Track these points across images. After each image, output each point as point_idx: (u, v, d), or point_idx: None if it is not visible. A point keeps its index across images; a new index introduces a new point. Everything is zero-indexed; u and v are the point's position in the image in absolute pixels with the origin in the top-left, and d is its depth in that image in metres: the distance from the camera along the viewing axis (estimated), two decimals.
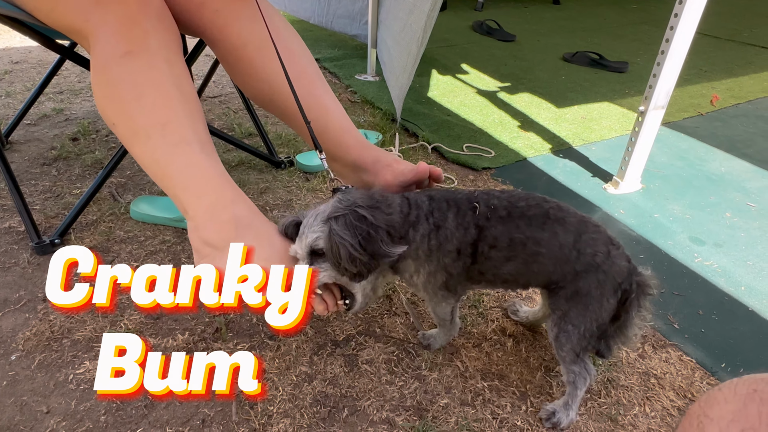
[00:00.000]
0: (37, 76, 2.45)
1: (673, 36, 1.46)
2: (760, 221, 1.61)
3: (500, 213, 0.91)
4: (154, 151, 0.85)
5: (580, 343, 0.93)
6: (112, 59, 0.85)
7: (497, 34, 3.53)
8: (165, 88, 0.86)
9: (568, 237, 0.91)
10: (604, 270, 0.90)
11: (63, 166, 1.71)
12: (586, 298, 0.91)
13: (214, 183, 0.86)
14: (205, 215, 0.86)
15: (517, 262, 0.92)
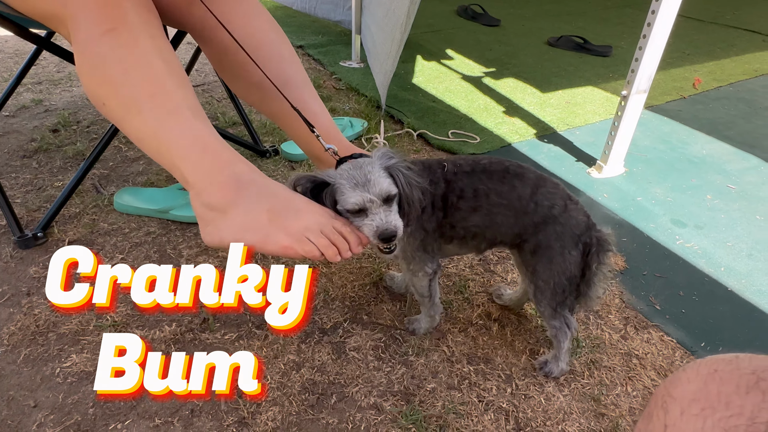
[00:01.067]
0: (15, 66, 2.40)
1: (654, 20, 1.46)
2: (740, 203, 1.64)
3: (465, 169, 0.98)
4: (147, 123, 0.83)
5: (555, 298, 0.99)
6: (94, 39, 0.83)
7: (482, 18, 3.52)
8: (150, 60, 0.84)
9: (525, 190, 0.96)
10: (561, 222, 0.95)
11: (44, 158, 1.69)
12: (548, 251, 0.96)
13: (209, 147, 0.84)
14: (204, 179, 0.83)
15: (482, 212, 0.97)
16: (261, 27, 1.09)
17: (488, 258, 1.36)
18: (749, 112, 2.31)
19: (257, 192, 0.83)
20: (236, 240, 0.82)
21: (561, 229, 0.95)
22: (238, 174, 0.83)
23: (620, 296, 1.26)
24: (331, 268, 1.29)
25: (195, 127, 0.84)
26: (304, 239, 0.81)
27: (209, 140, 0.84)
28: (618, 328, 1.17)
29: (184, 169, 0.83)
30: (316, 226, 0.82)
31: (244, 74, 1.12)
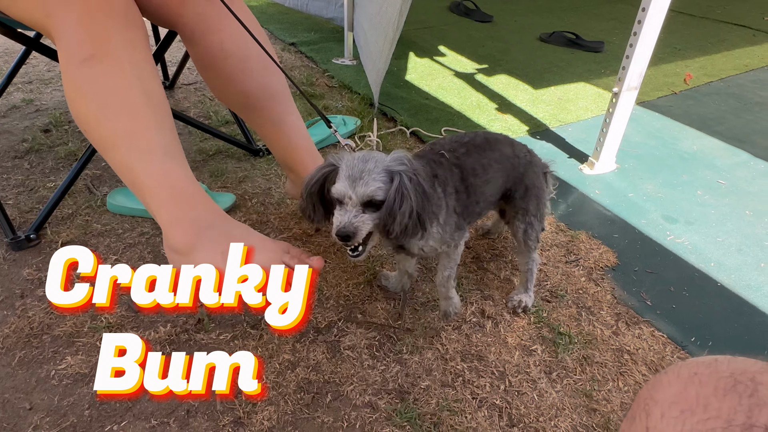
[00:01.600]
0: (4, 66, 2.38)
1: (645, 17, 1.47)
2: (730, 198, 1.66)
3: (462, 151, 1.06)
4: (122, 160, 0.86)
5: (538, 229, 1.15)
6: (75, 64, 0.84)
7: (474, 14, 3.52)
8: (129, 94, 0.85)
9: (507, 149, 1.11)
10: (534, 163, 1.15)
11: (35, 158, 1.68)
12: (534, 190, 1.13)
13: (176, 190, 0.87)
14: (170, 223, 0.87)
15: (492, 182, 1.09)
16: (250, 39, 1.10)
17: (481, 255, 1.37)
18: (739, 108, 2.33)
19: (216, 236, 0.87)
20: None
21: (537, 169, 1.15)
22: (200, 219, 0.87)
23: (612, 292, 1.27)
24: (325, 267, 1.30)
25: (166, 170, 0.86)
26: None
27: (177, 183, 0.87)
28: (610, 324, 1.18)
29: (153, 210, 0.88)
30: (267, 261, 0.86)
31: (230, 84, 1.15)
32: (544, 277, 1.31)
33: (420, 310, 1.19)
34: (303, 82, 2.38)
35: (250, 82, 1.14)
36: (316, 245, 1.37)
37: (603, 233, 1.47)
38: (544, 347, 1.12)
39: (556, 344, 1.12)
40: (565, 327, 1.17)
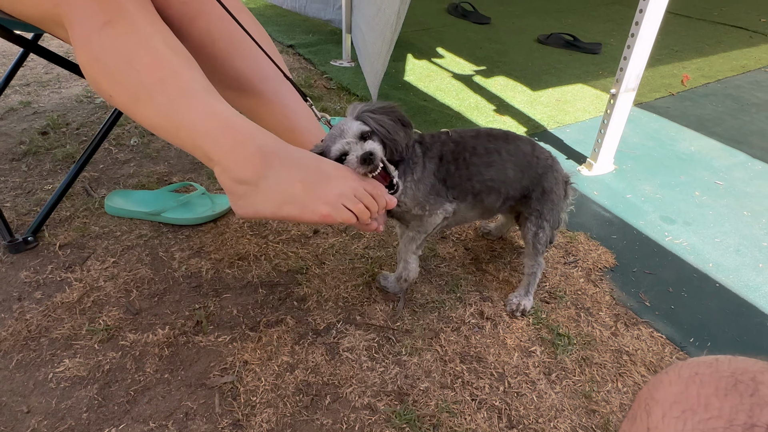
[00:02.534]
0: (2, 68, 2.37)
1: (642, 19, 1.48)
2: (728, 199, 1.66)
3: (470, 134, 1.11)
4: (160, 109, 0.83)
5: (550, 234, 1.18)
6: (93, 32, 0.82)
7: (472, 16, 3.53)
8: (153, 45, 0.83)
9: (527, 147, 1.13)
10: (555, 169, 1.15)
11: (33, 161, 1.67)
12: (551, 195, 1.14)
13: (229, 123, 0.84)
14: (229, 156, 0.83)
15: (496, 167, 1.10)
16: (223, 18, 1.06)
17: (480, 257, 1.37)
18: (737, 109, 2.34)
19: (285, 162, 0.83)
20: (274, 212, 0.84)
21: (557, 175, 1.15)
22: (263, 146, 0.83)
23: (610, 293, 1.27)
24: (323, 268, 1.30)
25: (210, 105, 0.83)
26: (341, 206, 0.84)
27: (227, 116, 0.84)
28: (608, 325, 1.18)
29: (207, 148, 0.83)
30: (350, 191, 0.85)
31: (220, 68, 1.10)
32: (542, 278, 1.31)
33: (419, 311, 1.19)
34: (301, 83, 2.38)
35: (241, 63, 1.09)
36: (314, 247, 1.37)
37: (601, 234, 1.47)
38: (543, 348, 1.12)
39: (555, 345, 1.12)
40: (564, 328, 1.17)
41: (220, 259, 1.31)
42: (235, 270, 1.28)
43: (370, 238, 1.41)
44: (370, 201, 0.87)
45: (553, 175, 1.14)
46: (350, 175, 0.88)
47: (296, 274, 1.28)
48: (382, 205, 0.90)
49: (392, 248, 1.38)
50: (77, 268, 1.25)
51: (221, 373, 1.03)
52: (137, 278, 1.24)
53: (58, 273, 1.24)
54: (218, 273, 1.27)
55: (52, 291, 1.19)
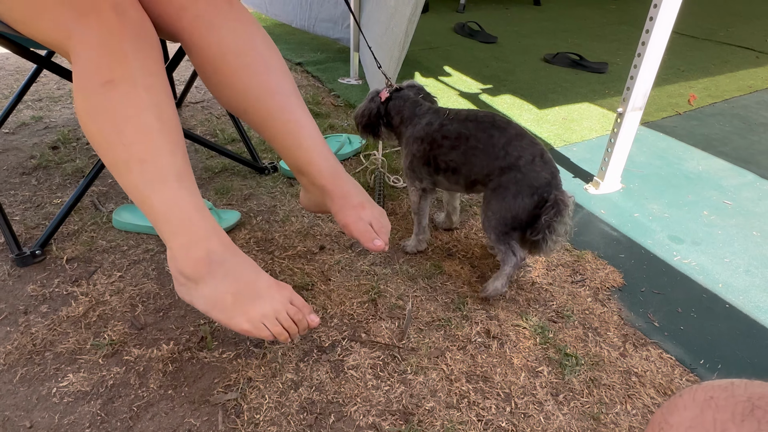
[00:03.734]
0: (15, 84, 2.41)
1: (648, 39, 1.48)
2: (737, 219, 1.65)
3: (461, 117, 1.24)
4: (133, 183, 0.87)
5: (498, 227, 1.19)
6: (93, 88, 0.86)
7: (479, 35, 3.56)
8: (145, 120, 0.87)
9: (501, 140, 1.18)
10: (522, 172, 1.15)
11: (43, 175, 1.69)
12: (504, 191, 1.17)
13: (189, 220, 0.89)
14: (180, 250, 0.90)
15: (458, 151, 1.22)
16: (250, 37, 1.09)
17: (486, 275, 1.36)
18: (744, 128, 2.33)
19: (226, 273, 0.91)
20: (205, 310, 0.92)
21: (521, 177, 1.15)
22: (211, 252, 0.90)
23: (618, 313, 1.26)
24: (329, 285, 1.29)
25: (179, 197, 0.89)
26: (261, 326, 0.91)
27: (189, 212, 0.89)
28: (617, 346, 1.17)
29: (164, 234, 0.90)
30: (272, 312, 0.92)
31: (230, 82, 1.10)
32: (549, 297, 1.30)
33: (425, 329, 1.18)
34: (309, 101, 2.40)
35: (250, 79, 1.10)
36: (320, 263, 1.37)
37: (609, 253, 1.46)
38: (550, 368, 1.10)
39: (562, 366, 1.11)
40: (571, 348, 1.15)
41: None
42: None
43: (376, 255, 1.41)
44: (289, 324, 0.93)
45: (515, 175, 1.15)
46: (279, 297, 0.94)
47: (302, 290, 1.28)
48: (303, 327, 0.95)
49: (398, 265, 1.37)
50: (83, 282, 1.26)
51: (225, 389, 1.02)
52: (143, 293, 1.24)
53: (64, 287, 1.24)
54: None
55: (58, 305, 1.19)
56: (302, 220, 1.54)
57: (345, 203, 1.12)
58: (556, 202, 1.12)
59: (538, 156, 1.16)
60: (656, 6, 1.44)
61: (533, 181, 1.14)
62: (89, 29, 0.86)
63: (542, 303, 1.28)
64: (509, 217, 1.17)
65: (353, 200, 1.13)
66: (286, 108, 1.11)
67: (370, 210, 1.13)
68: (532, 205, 1.15)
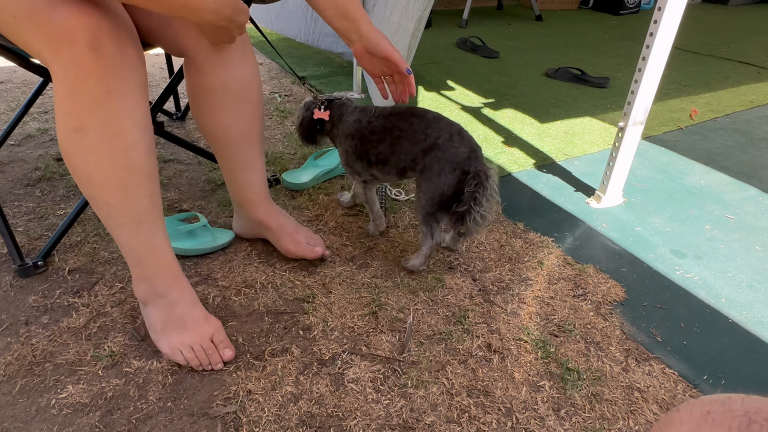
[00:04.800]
0: (22, 96, 2.44)
1: (649, 54, 1.49)
2: (739, 233, 1.65)
3: (385, 113, 1.33)
4: (102, 219, 1.01)
5: (425, 208, 1.28)
6: (66, 132, 0.91)
7: (481, 50, 3.59)
8: (110, 171, 0.94)
9: (420, 125, 1.26)
10: (442, 149, 1.23)
11: (47, 186, 1.70)
12: (429, 171, 1.24)
13: (143, 258, 1.06)
14: (135, 279, 1.10)
15: (386, 143, 1.30)
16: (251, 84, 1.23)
17: (488, 288, 1.36)
18: (746, 143, 2.33)
19: (163, 304, 1.09)
20: (147, 327, 1.13)
21: (441, 155, 1.23)
22: (155, 286, 1.08)
23: (621, 327, 1.25)
24: (330, 297, 1.29)
25: (136, 240, 1.03)
26: (178, 352, 1.07)
27: (144, 253, 1.06)
28: (619, 360, 1.16)
29: (128, 262, 1.08)
30: (189, 342, 1.07)
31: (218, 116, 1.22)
32: (551, 311, 1.29)
33: (425, 343, 1.18)
34: None
35: (236, 120, 1.24)
36: (321, 275, 1.37)
37: (611, 267, 1.46)
38: (552, 383, 1.09)
39: (564, 380, 1.10)
40: (573, 363, 1.14)
41: (227, 287, 1.31)
42: (241, 297, 1.28)
43: (378, 268, 1.41)
44: (202, 356, 1.08)
45: (436, 154, 1.23)
46: (199, 331, 1.09)
47: (302, 302, 1.28)
48: (214, 361, 1.09)
49: (399, 278, 1.37)
50: (85, 293, 1.26)
51: (224, 402, 1.01)
52: None
53: (65, 298, 1.24)
54: (225, 300, 1.27)
55: (59, 316, 1.19)
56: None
57: (282, 233, 1.36)
58: (477, 174, 1.21)
59: (456, 134, 1.24)
60: (656, 22, 1.46)
61: (453, 157, 1.22)
62: (62, 66, 0.85)
63: (544, 317, 1.27)
64: (436, 196, 1.25)
65: (287, 228, 1.37)
66: (252, 153, 1.30)
67: (301, 233, 1.37)
68: (455, 180, 1.23)
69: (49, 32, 0.83)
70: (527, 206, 1.75)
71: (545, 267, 1.45)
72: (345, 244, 1.51)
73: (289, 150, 2.06)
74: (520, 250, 1.51)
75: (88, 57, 0.84)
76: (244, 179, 1.32)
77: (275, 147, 2.08)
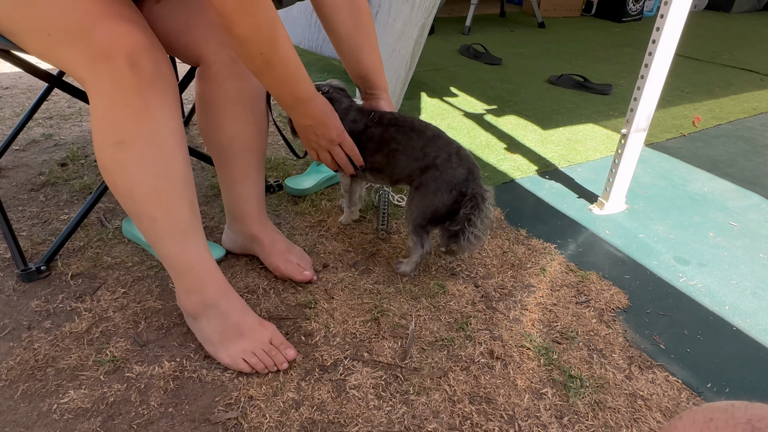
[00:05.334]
0: (27, 102, 2.45)
1: (651, 61, 1.50)
2: (743, 240, 1.64)
3: (384, 121, 1.30)
4: (145, 233, 1.02)
5: (416, 220, 1.29)
6: (107, 146, 0.92)
7: (484, 57, 3.60)
8: (154, 182, 0.96)
9: (419, 142, 1.26)
10: (440, 169, 1.24)
11: (51, 191, 1.71)
12: (425, 188, 1.26)
13: (190, 269, 1.07)
14: (182, 293, 1.10)
15: (382, 153, 1.31)
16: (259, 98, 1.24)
17: (490, 295, 1.36)
18: (749, 150, 2.33)
19: (216, 314, 1.09)
20: (200, 341, 1.12)
21: (439, 174, 1.24)
22: (206, 297, 1.08)
23: (624, 334, 1.24)
24: (332, 303, 1.29)
25: (182, 251, 1.04)
26: (240, 360, 1.07)
27: (191, 264, 1.06)
28: (622, 368, 1.15)
29: (172, 276, 1.09)
30: (251, 349, 1.08)
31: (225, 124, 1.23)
32: (554, 317, 1.29)
33: (427, 349, 1.18)
34: None
35: (243, 131, 1.24)
36: (323, 281, 1.36)
37: (614, 274, 1.46)
38: (554, 390, 1.09)
39: (567, 388, 1.09)
40: (576, 370, 1.14)
41: None
42: None
43: (380, 274, 1.41)
44: (266, 359, 1.08)
45: (433, 173, 1.24)
46: (258, 336, 1.09)
47: (304, 308, 1.27)
48: (279, 362, 1.09)
49: (402, 284, 1.37)
50: (87, 298, 1.26)
51: (226, 408, 1.01)
52: (146, 309, 1.24)
53: (68, 302, 1.24)
54: None
55: (61, 320, 1.19)
56: (306, 238, 1.55)
57: (273, 250, 1.35)
58: (474, 196, 1.23)
59: (454, 154, 1.24)
60: (659, 29, 1.46)
61: (451, 177, 1.23)
62: (101, 80, 0.88)
63: (546, 324, 1.27)
64: (429, 212, 1.27)
65: (279, 246, 1.36)
66: (254, 165, 1.30)
67: (293, 252, 1.37)
68: (451, 200, 1.24)
69: (88, 50, 0.86)
70: (530, 213, 1.75)
71: (548, 274, 1.44)
72: (347, 249, 1.50)
73: (291, 156, 2.06)
74: (522, 256, 1.51)
75: (127, 73, 0.87)
76: (243, 191, 1.31)
77: (278, 153, 2.08)
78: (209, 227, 1.57)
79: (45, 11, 0.87)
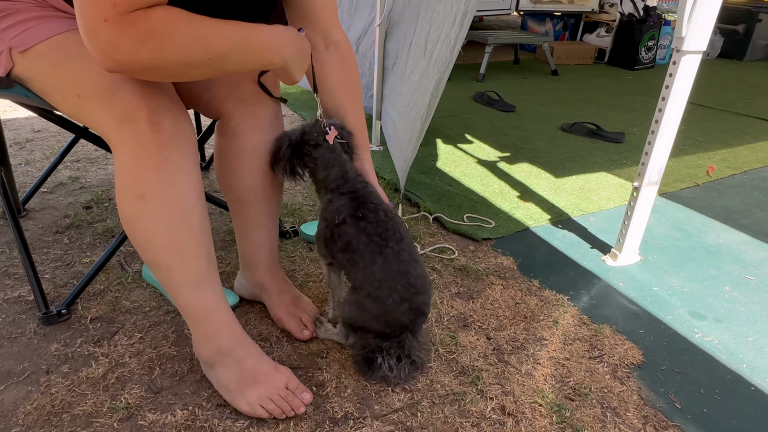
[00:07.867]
0: (57, 145, 2.56)
1: (665, 106, 1.51)
2: (760, 295, 1.62)
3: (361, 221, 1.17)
4: (163, 282, 1.05)
5: (349, 320, 1.22)
6: (128, 200, 0.97)
7: (498, 104, 3.67)
8: (173, 234, 1.00)
9: (379, 274, 1.15)
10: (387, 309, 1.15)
11: (75, 234, 1.76)
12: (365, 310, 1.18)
13: (205, 318, 1.09)
14: (198, 341, 1.12)
15: (346, 256, 1.18)
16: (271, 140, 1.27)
17: (502, 347, 1.35)
18: (765, 201, 2.32)
19: (232, 362, 1.10)
20: (217, 389, 1.14)
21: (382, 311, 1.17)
22: (222, 345, 1.10)
23: (638, 392, 1.23)
24: (344, 353, 1.30)
25: (198, 300, 1.07)
26: (258, 407, 1.08)
27: (206, 313, 1.08)
28: (637, 428, 1.13)
29: (188, 323, 1.11)
30: (267, 395, 1.08)
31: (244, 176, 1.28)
32: (566, 373, 1.28)
33: (438, 403, 1.17)
34: None
35: (260, 182, 1.28)
36: None
37: (628, 328, 1.44)
38: None
39: None
40: (589, 428, 1.12)
41: None
42: None
43: None
44: (283, 405, 1.09)
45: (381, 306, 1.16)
46: (274, 382, 1.10)
47: (317, 357, 1.28)
48: (296, 406, 1.09)
49: None
50: (105, 342, 1.29)
51: None
52: (161, 355, 1.26)
53: (86, 347, 1.27)
54: None
55: (79, 365, 1.21)
56: (320, 285, 1.57)
57: (279, 300, 1.37)
58: (402, 344, 1.20)
59: (407, 301, 1.16)
60: (672, 75, 1.49)
61: (394, 321, 1.17)
62: (125, 140, 0.95)
63: (559, 379, 1.26)
64: (358, 324, 1.21)
65: (285, 297, 1.37)
66: (269, 215, 1.34)
67: (299, 304, 1.37)
68: (384, 330, 1.19)
69: (114, 111, 0.93)
70: (542, 262, 1.76)
71: (560, 326, 1.44)
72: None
73: (308, 201, 2.11)
74: (535, 308, 1.51)
75: (149, 132, 0.93)
76: (257, 240, 1.35)
77: (294, 198, 2.13)
78: (226, 272, 1.60)
79: (75, 75, 0.95)
